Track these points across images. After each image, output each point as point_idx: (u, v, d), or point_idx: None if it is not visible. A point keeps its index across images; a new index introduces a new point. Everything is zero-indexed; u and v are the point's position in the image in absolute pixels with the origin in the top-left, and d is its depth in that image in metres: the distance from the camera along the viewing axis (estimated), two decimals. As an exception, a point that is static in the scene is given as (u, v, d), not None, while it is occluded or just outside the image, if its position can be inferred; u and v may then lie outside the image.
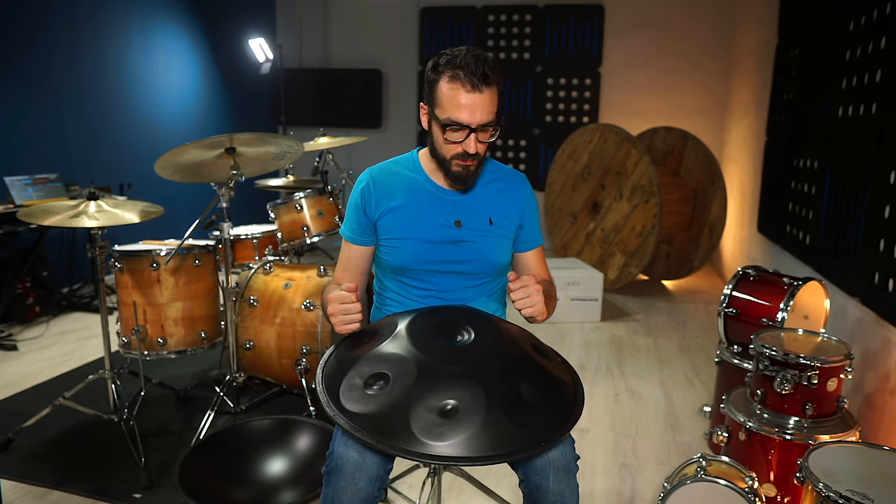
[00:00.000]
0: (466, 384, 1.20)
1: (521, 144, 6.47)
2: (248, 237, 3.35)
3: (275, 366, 2.79)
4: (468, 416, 1.15)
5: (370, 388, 1.21)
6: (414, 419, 1.14)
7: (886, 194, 2.24)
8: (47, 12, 4.23)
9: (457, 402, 1.17)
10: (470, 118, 1.43)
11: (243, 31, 6.28)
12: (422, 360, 1.25)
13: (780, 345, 2.00)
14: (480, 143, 1.48)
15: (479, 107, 1.42)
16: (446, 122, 1.45)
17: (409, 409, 1.16)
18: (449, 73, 1.43)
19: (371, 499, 1.29)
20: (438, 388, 1.19)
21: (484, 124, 1.45)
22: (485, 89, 1.42)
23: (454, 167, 1.52)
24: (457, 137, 1.47)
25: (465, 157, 1.48)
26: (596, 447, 2.58)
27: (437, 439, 1.12)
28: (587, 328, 4.15)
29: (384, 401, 1.18)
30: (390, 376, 1.22)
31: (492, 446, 1.12)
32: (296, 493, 1.99)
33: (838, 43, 2.91)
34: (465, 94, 1.41)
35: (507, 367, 1.28)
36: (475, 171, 1.55)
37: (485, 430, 1.13)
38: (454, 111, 1.43)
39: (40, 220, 2.26)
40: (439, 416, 1.15)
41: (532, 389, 1.25)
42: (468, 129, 1.44)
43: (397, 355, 1.27)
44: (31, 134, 4.17)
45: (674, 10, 5.95)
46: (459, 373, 1.23)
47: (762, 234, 4.24)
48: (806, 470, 1.47)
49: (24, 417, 2.52)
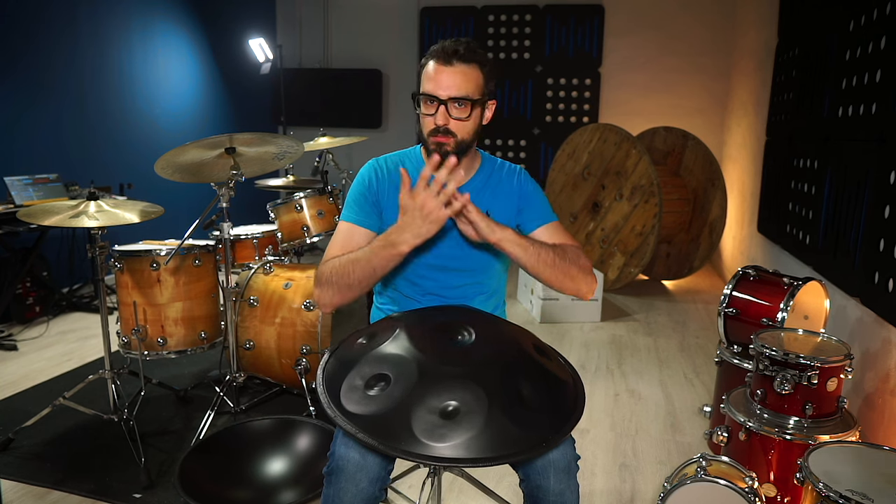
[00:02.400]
0: (467, 385, 1.20)
1: (521, 144, 6.47)
2: (248, 237, 3.35)
3: (275, 366, 2.79)
4: (469, 417, 1.15)
5: (371, 389, 1.21)
6: (415, 420, 1.14)
7: (886, 194, 2.24)
8: (47, 12, 4.23)
9: (458, 404, 1.16)
10: (437, 89, 1.47)
11: (243, 31, 6.28)
12: (423, 360, 1.24)
13: (780, 345, 2.00)
14: (454, 119, 1.49)
15: (448, 79, 1.47)
16: (419, 95, 1.51)
17: (411, 410, 1.15)
18: (430, 54, 1.51)
19: (372, 499, 1.29)
20: (440, 389, 1.19)
21: (455, 98, 1.47)
22: (456, 63, 1.47)
23: (431, 144, 1.53)
24: (429, 110, 1.50)
25: (436, 132, 1.50)
26: (596, 447, 2.58)
27: (439, 440, 1.11)
28: (587, 328, 4.15)
29: (385, 402, 1.18)
30: (391, 377, 1.21)
31: (493, 447, 1.12)
32: (296, 493, 1.99)
33: (838, 43, 2.91)
34: (437, 66, 1.48)
35: (508, 367, 1.28)
36: (453, 153, 1.49)
37: (486, 431, 1.13)
38: (426, 83, 1.49)
39: (40, 220, 2.26)
40: (441, 418, 1.15)
41: (533, 390, 1.24)
42: (438, 101, 1.47)
43: (398, 356, 1.26)
44: (31, 134, 4.17)
45: (674, 10, 5.95)
46: (461, 374, 1.23)
47: (762, 234, 4.24)
48: (806, 470, 1.47)
49: (24, 417, 2.52)
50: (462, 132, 1.51)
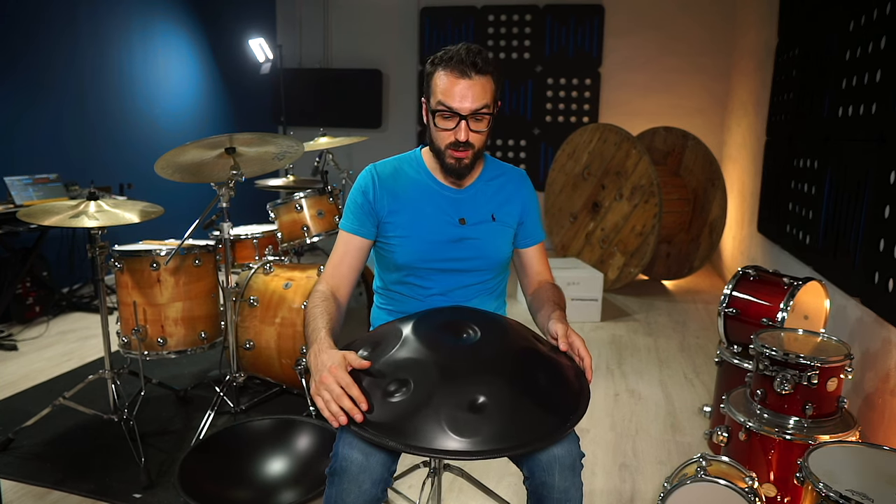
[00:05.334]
0: (489, 377, 1.22)
1: (521, 144, 6.47)
2: (248, 237, 3.35)
3: (275, 366, 2.79)
4: (498, 407, 1.17)
5: (392, 396, 1.20)
6: (446, 419, 1.14)
7: (886, 194, 2.24)
8: (47, 12, 4.23)
9: (485, 397, 1.18)
10: (459, 104, 1.46)
11: (243, 31, 6.28)
12: (439, 360, 1.25)
13: (780, 345, 2.00)
14: (473, 132, 1.49)
15: (468, 92, 1.45)
16: (437, 108, 1.49)
17: (440, 409, 1.16)
18: (442, 63, 1.47)
19: (374, 501, 1.29)
20: (463, 384, 1.20)
21: (475, 112, 1.47)
22: (474, 76, 1.45)
23: (448, 158, 1.53)
24: (448, 125, 1.49)
25: (457, 146, 1.50)
26: (596, 447, 2.58)
27: (473, 435, 1.12)
28: (587, 328, 4.15)
29: (411, 406, 1.17)
30: (411, 382, 1.21)
31: (526, 433, 1.15)
32: (296, 494, 1.99)
33: (838, 43, 2.91)
34: (455, 80, 1.45)
35: (520, 357, 1.30)
36: (469, 165, 1.55)
37: (516, 418, 1.16)
38: (444, 97, 1.47)
39: (40, 220, 2.26)
40: (470, 412, 1.16)
41: (547, 375, 1.27)
42: (458, 117, 1.47)
43: (413, 360, 1.26)
44: (31, 134, 4.17)
45: (674, 10, 5.95)
46: (479, 368, 1.24)
47: (762, 234, 4.24)
48: (806, 470, 1.46)
49: (24, 417, 2.52)
50: (479, 142, 1.53)
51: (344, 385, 1.19)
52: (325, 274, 1.59)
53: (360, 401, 1.18)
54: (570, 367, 1.35)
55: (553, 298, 1.56)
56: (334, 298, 1.52)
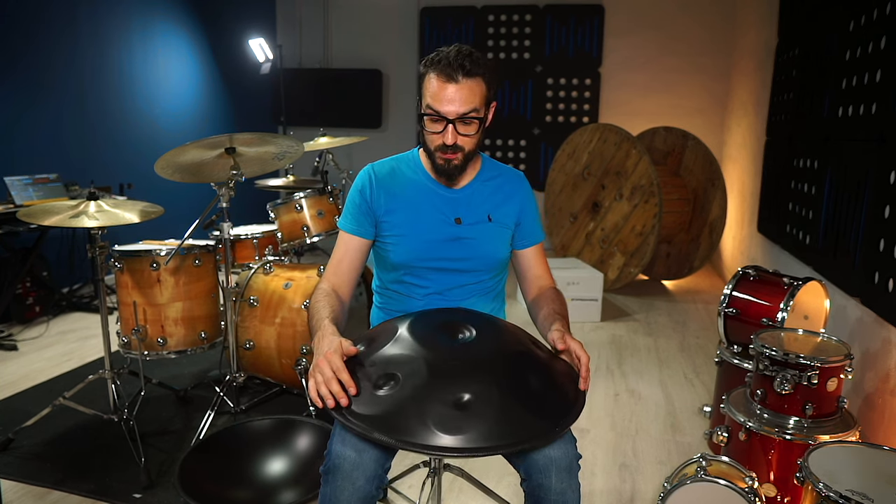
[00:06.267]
0: (478, 377, 1.22)
1: (521, 144, 6.47)
2: (248, 237, 3.35)
3: (275, 366, 2.79)
4: (484, 406, 1.16)
5: (380, 389, 1.21)
6: (430, 415, 1.14)
7: (886, 194, 2.24)
8: (47, 12, 4.23)
9: (471, 395, 1.18)
10: (446, 108, 1.45)
11: (243, 31, 6.28)
12: (430, 358, 1.25)
13: (780, 345, 2.00)
14: (461, 135, 1.49)
15: (455, 96, 1.44)
16: (425, 112, 1.49)
17: (425, 405, 1.16)
18: (433, 66, 1.47)
19: (369, 497, 1.29)
20: (450, 382, 1.20)
21: (462, 116, 1.46)
22: (462, 79, 1.44)
23: (437, 160, 1.54)
24: (435, 128, 1.49)
25: (445, 148, 1.50)
26: (596, 447, 2.58)
27: (456, 432, 1.12)
28: (587, 328, 4.15)
29: (397, 400, 1.18)
30: (400, 376, 1.22)
31: (510, 435, 1.14)
32: (296, 493, 1.99)
33: (838, 43, 2.91)
34: (443, 83, 1.45)
35: (513, 359, 1.30)
36: (460, 166, 1.55)
37: (502, 419, 1.15)
38: (432, 100, 1.47)
39: (40, 220, 2.26)
40: (455, 410, 1.16)
41: (539, 379, 1.27)
42: (445, 120, 1.47)
43: (404, 355, 1.27)
44: (31, 134, 4.17)
45: (674, 10, 5.95)
46: (469, 367, 1.25)
47: (762, 234, 4.24)
48: (806, 470, 1.46)
49: (24, 417, 2.52)
50: (469, 145, 1.52)
51: (335, 369, 1.21)
52: (326, 273, 1.60)
53: (349, 385, 1.20)
54: (566, 374, 1.34)
55: (554, 307, 1.54)
56: (336, 295, 1.53)
